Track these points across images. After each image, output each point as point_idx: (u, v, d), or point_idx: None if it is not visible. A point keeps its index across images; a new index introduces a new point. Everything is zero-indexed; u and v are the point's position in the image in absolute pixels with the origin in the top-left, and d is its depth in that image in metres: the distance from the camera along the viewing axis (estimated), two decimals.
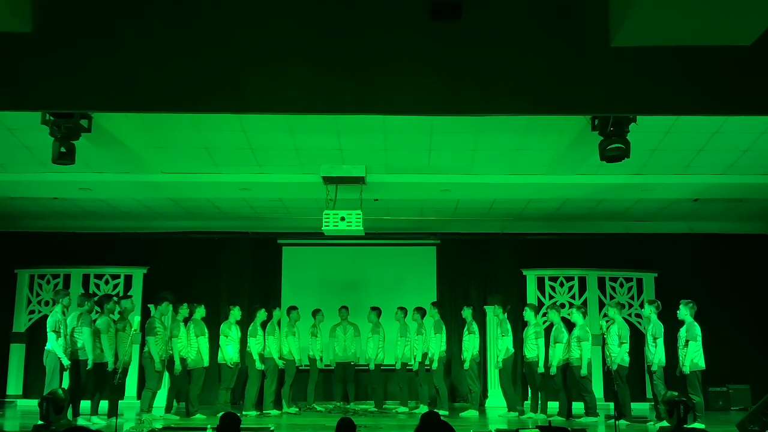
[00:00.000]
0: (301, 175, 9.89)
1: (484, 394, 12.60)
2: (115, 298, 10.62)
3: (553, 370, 10.61)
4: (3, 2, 5.02)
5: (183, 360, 10.61)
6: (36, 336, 12.28)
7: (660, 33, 5.21)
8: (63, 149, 6.76)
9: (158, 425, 9.41)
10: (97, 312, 10.13)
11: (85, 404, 9.72)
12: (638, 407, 11.32)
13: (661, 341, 9.81)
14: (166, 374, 10.81)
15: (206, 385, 11.19)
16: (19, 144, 8.76)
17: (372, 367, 11.97)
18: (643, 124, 7.20)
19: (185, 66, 5.58)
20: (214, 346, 11.16)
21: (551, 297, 12.92)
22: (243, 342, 11.23)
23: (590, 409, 10.40)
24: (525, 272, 13.12)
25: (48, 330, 9.41)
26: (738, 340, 12.37)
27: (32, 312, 13.03)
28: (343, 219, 9.64)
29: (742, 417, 8.07)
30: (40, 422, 6.23)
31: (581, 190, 10.39)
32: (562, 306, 12.40)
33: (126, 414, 10.68)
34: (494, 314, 11.80)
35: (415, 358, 11.59)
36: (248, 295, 13.23)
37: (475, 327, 11.39)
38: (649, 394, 11.24)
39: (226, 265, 13.53)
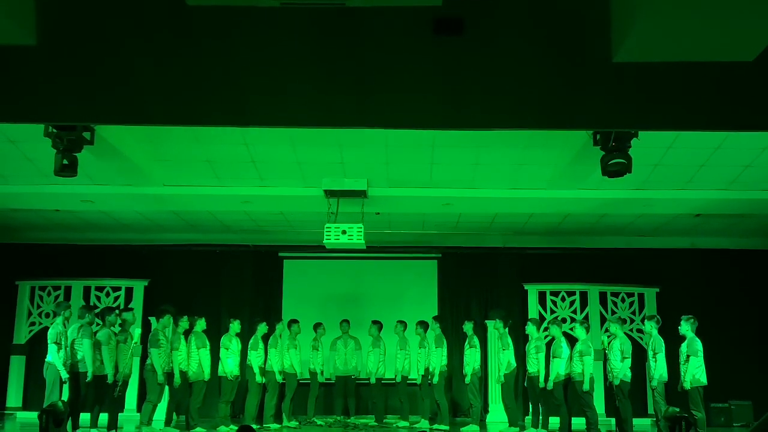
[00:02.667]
0: (302, 188, 9.91)
1: (486, 409, 12.56)
2: (117, 311, 10.60)
3: (550, 385, 10.54)
4: (7, 15, 5.04)
5: (183, 373, 10.57)
6: (36, 348, 12.26)
7: (661, 49, 5.21)
8: (65, 161, 6.79)
9: None
10: (98, 324, 10.11)
11: (84, 417, 9.67)
12: (640, 423, 11.26)
13: (661, 356, 9.75)
14: (167, 387, 10.77)
15: (206, 399, 11.13)
16: (21, 156, 8.78)
17: (373, 381, 11.92)
18: (645, 139, 7.20)
19: (188, 79, 5.59)
20: (215, 358, 11.13)
21: (553, 311, 12.88)
22: (243, 355, 11.19)
23: (591, 425, 10.33)
24: (526, 286, 13.11)
25: (49, 342, 9.39)
26: (740, 355, 12.33)
27: (33, 324, 13.02)
28: (344, 232, 9.64)
29: None
30: None
31: (583, 204, 10.39)
32: (564, 321, 12.35)
33: (126, 427, 10.65)
34: (495, 328, 11.77)
35: (418, 372, 11.55)
36: (249, 308, 13.21)
37: (476, 341, 11.34)
38: (650, 410, 11.17)
39: (227, 278, 13.54)
